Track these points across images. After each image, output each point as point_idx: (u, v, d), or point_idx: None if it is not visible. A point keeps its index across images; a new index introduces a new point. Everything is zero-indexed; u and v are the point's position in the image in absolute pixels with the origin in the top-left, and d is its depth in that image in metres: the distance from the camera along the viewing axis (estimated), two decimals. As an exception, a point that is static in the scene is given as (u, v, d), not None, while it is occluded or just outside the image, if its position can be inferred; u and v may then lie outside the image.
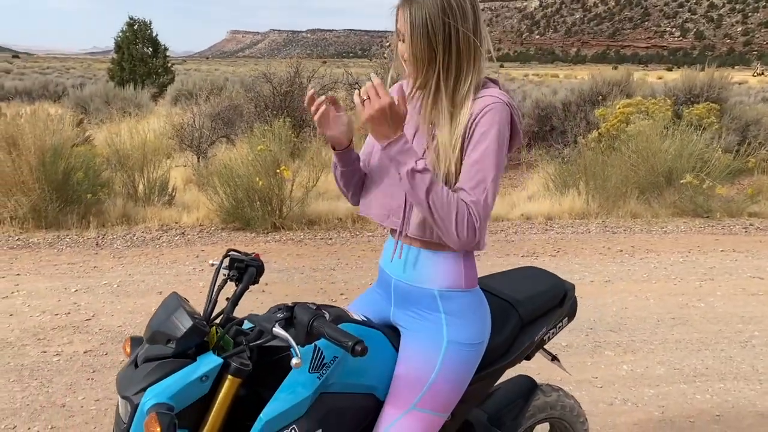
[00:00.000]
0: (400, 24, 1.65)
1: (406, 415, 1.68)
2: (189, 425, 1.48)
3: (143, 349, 1.54)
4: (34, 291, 4.74)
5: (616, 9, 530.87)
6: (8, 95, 23.25)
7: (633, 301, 4.92)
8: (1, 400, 3.23)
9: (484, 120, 1.61)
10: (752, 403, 3.44)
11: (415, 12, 1.60)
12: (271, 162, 6.67)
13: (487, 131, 1.60)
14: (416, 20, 1.60)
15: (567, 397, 2.32)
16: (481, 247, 1.67)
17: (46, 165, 6.51)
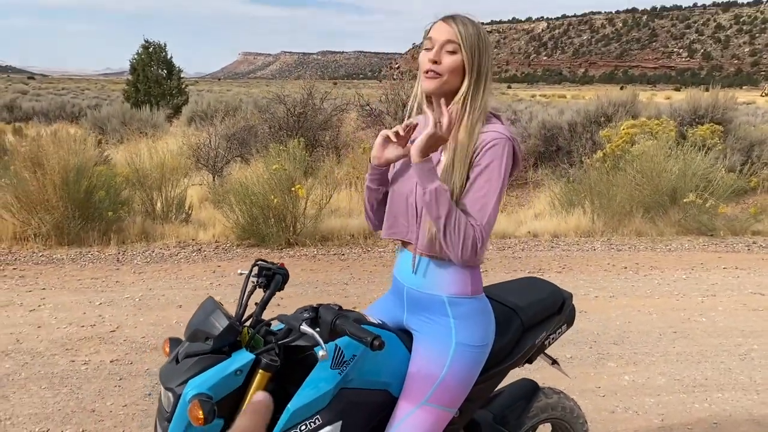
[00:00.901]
0: (443, 33, 1.81)
1: (419, 409, 1.86)
2: (224, 415, 1.67)
3: (184, 346, 1.74)
4: (59, 304, 4.96)
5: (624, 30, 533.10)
6: (26, 116, 23.76)
7: (636, 315, 5.07)
8: (34, 405, 3.43)
9: (490, 153, 1.81)
10: (749, 412, 3.58)
11: (461, 27, 1.80)
12: (286, 180, 6.90)
13: (491, 164, 1.80)
14: (467, 34, 1.80)
15: (567, 399, 2.49)
16: (478, 263, 1.87)
17: (70, 184, 6.76)
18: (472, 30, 1.79)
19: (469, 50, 1.79)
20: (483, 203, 1.79)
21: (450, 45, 1.80)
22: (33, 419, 3.28)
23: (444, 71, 1.80)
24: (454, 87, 1.83)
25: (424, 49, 1.85)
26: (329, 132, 11.26)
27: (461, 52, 1.79)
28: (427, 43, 1.84)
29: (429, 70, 1.81)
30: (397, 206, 1.99)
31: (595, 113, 13.08)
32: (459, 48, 1.79)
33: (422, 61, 1.85)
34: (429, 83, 1.83)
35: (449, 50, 1.80)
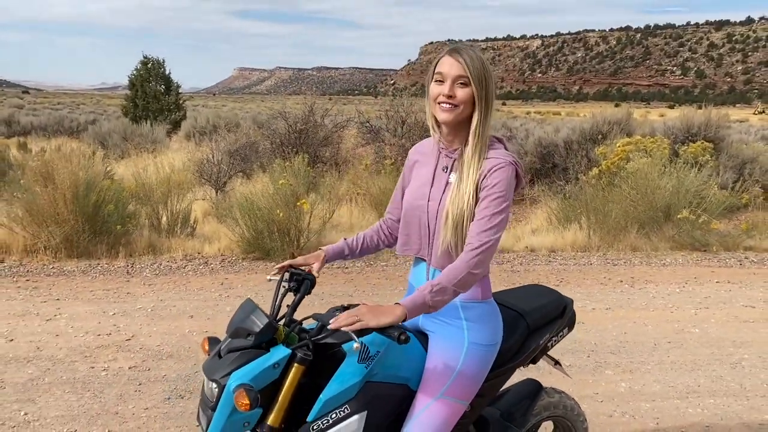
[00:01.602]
0: (454, 69, 2.00)
1: (436, 401, 2.04)
2: (263, 405, 1.85)
3: (226, 342, 1.93)
4: (75, 314, 5.12)
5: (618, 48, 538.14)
6: (25, 130, 23.90)
7: (632, 326, 5.26)
8: (60, 408, 3.59)
9: (494, 176, 2.01)
10: (739, 416, 3.77)
11: (470, 60, 2.00)
12: (290, 195, 7.09)
13: (496, 186, 1.99)
14: (474, 67, 1.99)
15: (568, 399, 2.68)
16: (485, 273, 2.09)
17: (80, 198, 6.94)
18: (478, 63, 2.00)
19: (478, 83, 1.99)
20: (490, 225, 1.97)
21: (461, 79, 2.00)
22: (60, 420, 3.44)
23: (459, 103, 2.01)
24: (466, 115, 2.04)
25: (435, 81, 2.04)
26: (330, 148, 11.48)
27: (471, 85, 1.99)
28: (437, 76, 2.03)
29: (444, 102, 2.01)
30: (409, 226, 2.19)
31: (591, 131, 13.34)
32: (469, 81, 1.99)
33: (434, 92, 2.04)
34: (446, 115, 2.02)
35: (461, 83, 2.00)
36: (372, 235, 2.41)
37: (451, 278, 1.92)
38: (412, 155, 2.29)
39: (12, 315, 5.05)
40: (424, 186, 2.15)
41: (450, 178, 2.10)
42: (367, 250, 2.41)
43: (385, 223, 2.42)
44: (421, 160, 2.23)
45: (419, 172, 2.21)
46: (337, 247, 2.36)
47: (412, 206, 2.17)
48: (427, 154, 2.21)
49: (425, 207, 2.13)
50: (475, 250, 1.95)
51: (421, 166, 2.22)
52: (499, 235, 1.99)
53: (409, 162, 2.29)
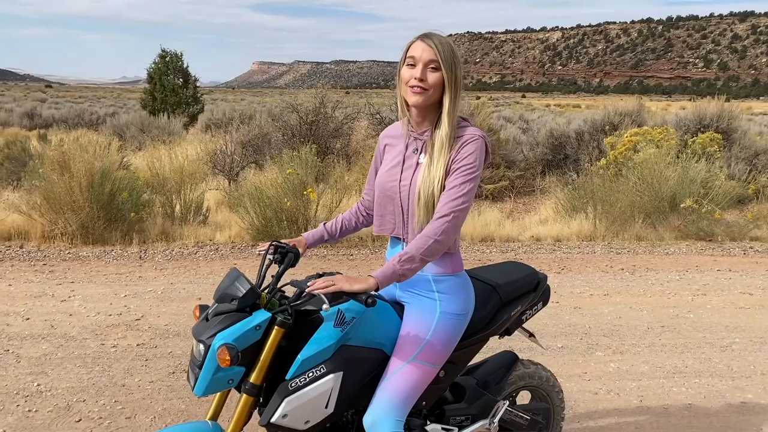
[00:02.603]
0: (425, 53, 2.12)
1: (408, 364, 2.20)
2: (245, 363, 2.02)
3: (213, 307, 2.10)
4: (88, 295, 5.35)
5: (639, 40, 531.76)
6: (46, 123, 24.41)
7: (627, 311, 5.37)
8: (71, 380, 3.80)
9: (465, 149, 2.15)
10: (723, 395, 3.88)
11: (439, 45, 2.13)
12: (299, 184, 7.28)
13: (467, 159, 2.13)
14: (444, 52, 2.12)
15: (544, 371, 2.82)
16: (454, 249, 2.25)
17: (95, 186, 7.17)
18: (448, 48, 2.13)
19: (448, 68, 2.12)
20: (457, 194, 2.11)
21: (432, 63, 2.13)
22: (71, 391, 3.66)
23: (430, 87, 2.14)
24: (436, 99, 2.17)
25: (406, 65, 2.17)
26: (340, 140, 11.64)
27: (442, 70, 2.13)
28: (409, 60, 2.16)
29: (415, 86, 2.13)
30: (383, 207, 2.34)
31: (602, 122, 13.37)
32: (440, 65, 2.12)
33: (405, 76, 2.16)
34: (416, 97, 2.15)
35: (432, 67, 2.13)
36: (350, 218, 2.57)
37: (419, 247, 2.07)
38: (382, 139, 2.43)
39: (29, 296, 5.29)
40: (395, 168, 2.28)
41: (420, 159, 2.24)
42: (347, 231, 2.57)
43: (362, 204, 2.57)
44: (391, 143, 2.37)
45: (389, 155, 2.34)
46: (317, 233, 2.52)
47: (384, 188, 2.31)
48: (396, 137, 2.34)
49: (397, 188, 2.27)
50: (441, 218, 2.10)
51: (390, 148, 2.35)
52: (466, 206, 2.12)
53: (380, 146, 2.43)
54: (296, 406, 2.04)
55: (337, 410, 2.14)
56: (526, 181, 12.78)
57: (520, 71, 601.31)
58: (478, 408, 2.52)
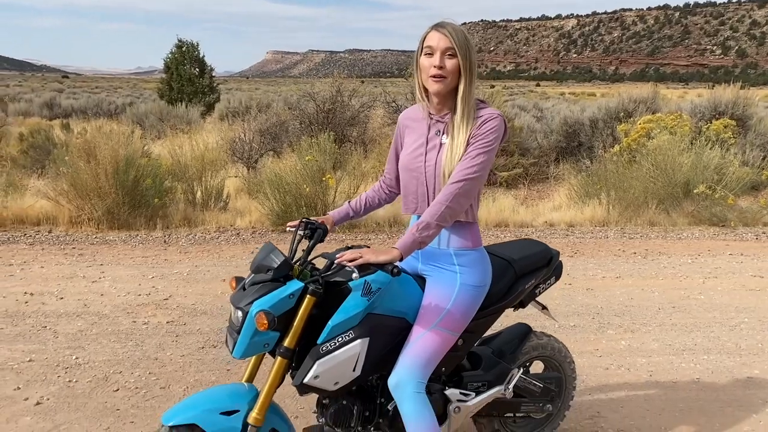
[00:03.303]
0: (442, 42, 2.27)
1: (429, 331, 2.37)
2: (280, 329, 2.20)
3: (249, 277, 2.28)
4: (117, 277, 5.57)
5: (656, 27, 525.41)
6: (65, 113, 24.76)
7: (639, 293, 5.51)
8: (106, 354, 4.02)
9: (485, 126, 2.30)
10: (730, 370, 4.02)
11: (455, 33, 2.28)
12: (317, 171, 7.45)
13: (485, 134, 2.29)
14: (459, 39, 2.27)
15: (557, 342, 2.98)
16: (473, 219, 2.41)
17: (120, 173, 7.40)
18: (462, 35, 2.28)
19: (463, 54, 2.27)
20: (471, 164, 2.26)
21: (449, 51, 2.27)
22: (107, 364, 3.87)
23: (448, 74, 2.29)
24: (454, 85, 2.32)
25: (424, 55, 2.31)
26: (357, 128, 11.80)
27: (457, 57, 2.28)
28: (427, 50, 2.30)
29: (436, 74, 2.27)
30: (408, 188, 2.50)
31: (616, 109, 13.41)
32: (455, 52, 2.27)
33: (425, 65, 2.30)
34: (437, 85, 2.29)
35: (449, 54, 2.28)
36: (373, 195, 2.73)
37: (433, 213, 2.23)
38: (402, 121, 2.58)
39: (61, 277, 5.52)
40: (418, 149, 2.44)
41: (443, 140, 2.39)
42: (370, 208, 2.73)
43: (384, 182, 2.73)
44: (411, 125, 2.51)
45: (411, 137, 2.49)
46: (342, 210, 2.69)
47: (408, 169, 2.47)
48: (417, 120, 2.49)
49: (422, 168, 2.42)
50: (453, 185, 2.25)
51: (412, 131, 2.50)
52: (478, 175, 2.27)
53: (400, 127, 2.58)
54: (327, 368, 2.22)
55: (364, 373, 2.31)
56: (540, 168, 12.86)
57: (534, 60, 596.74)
58: (493, 375, 2.69)
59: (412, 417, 2.30)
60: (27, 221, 7.46)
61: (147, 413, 3.31)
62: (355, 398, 2.44)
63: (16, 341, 4.18)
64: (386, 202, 2.75)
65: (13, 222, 7.43)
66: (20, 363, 3.87)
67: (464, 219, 2.40)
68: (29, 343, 4.16)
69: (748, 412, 3.49)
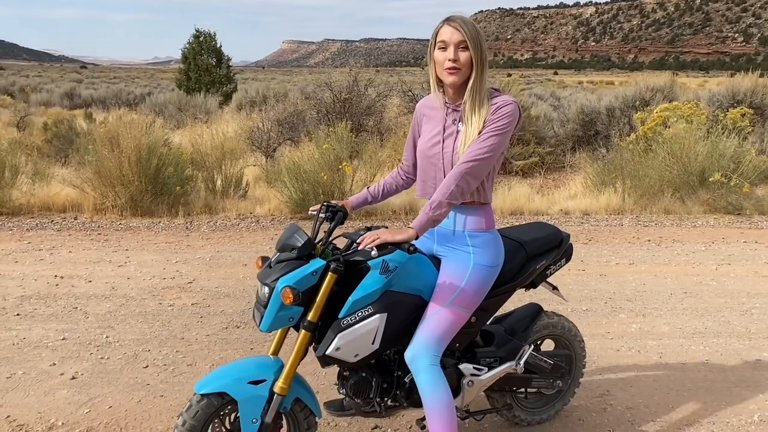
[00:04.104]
0: (455, 36, 2.38)
1: (444, 308, 2.50)
2: (303, 304, 2.34)
3: (275, 256, 2.42)
4: (142, 261, 5.76)
5: (676, 14, 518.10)
6: (85, 103, 25.12)
7: (652, 279, 5.60)
8: (135, 333, 4.21)
9: (499, 112, 2.42)
10: (739, 353, 4.11)
11: (466, 27, 2.39)
12: (334, 159, 7.59)
13: (499, 120, 2.40)
14: (471, 32, 2.39)
15: (567, 322, 3.10)
16: (485, 200, 2.52)
17: (142, 161, 7.59)
18: (473, 28, 2.39)
19: (475, 46, 2.38)
20: (481, 145, 2.38)
21: (462, 44, 2.38)
22: (136, 342, 4.06)
23: (462, 66, 2.40)
24: (467, 76, 2.43)
25: (438, 49, 2.42)
26: (373, 117, 11.91)
27: (469, 49, 2.39)
28: (440, 44, 2.41)
29: (451, 67, 2.39)
30: (426, 173, 2.62)
31: (633, 98, 13.39)
32: (468, 45, 2.38)
33: (439, 59, 2.42)
34: (452, 78, 2.41)
35: (462, 47, 2.39)
36: (391, 181, 2.86)
37: (444, 192, 2.36)
38: (420, 109, 2.69)
39: (88, 262, 5.72)
40: (436, 137, 2.56)
41: (459, 128, 2.51)
42: (388, 194, 2.86)
43: (401, 168, 2.86)
44: (429, 114, 2.63)
45: (429, 125, 2.61)
46: (361, 196, 2.83)
47: (426, 155, 2.59)
48: (434, 109, 2.61)
49: (440, 155, 2.54)
50: (463, 164, 2.38)
51: (429, 120, 2.62)
52: (488, 155, 2.38)
53: (418, 115, 2.70)
54: (347, 340, 2.36)
55: (382, 347, 2.45)
56: (557, 157, 12.90)
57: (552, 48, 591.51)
58: (505, 351, 2.82)
59: (427, 388, 2.44)
60: (53, 208, 7.69)
61: (176, 388, 3.48)
62: (374, 371, 2.58)
63: (49, 321, 4.38)
64: (404, 187, 2.88)
65: (41, 209, 7.66)
66: (54, 341, 4.06)
67: (477, 201, 2.52)
68: (62, 322, 4.36)
69: (755, 392, 3.59)
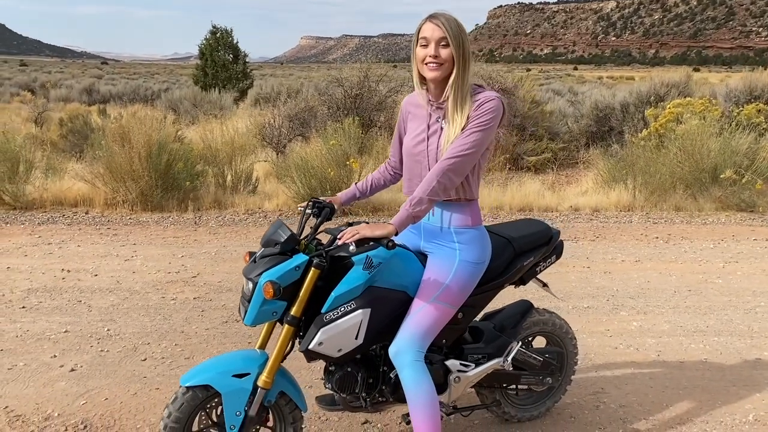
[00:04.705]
0: (435, 33, 2.38)
1: (429, 304, 2.51)
2: (287, 299, 2.37)
3: (260, 251, 2.45)
4: (149, 256, 5.83)
5: (698, 9, 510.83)
6: (104, 98, 25.39)
7: (656, 276, 5.55)
8: (136, 326, 4.27)
9: (482, 108, 2.42)
10: (739, 352, 4.07)
11: (448, 24, 2.40)
12: (341, 155, 7.61)
13: (482, 116, 2.40)
14: (452, 29, 2.39)
15: (558, 319, 3.10)
16: (471, 196, 2.53)
17: (153, 157, 7.67)
18: (455, 25, 2.39)
19: (456, 43, 2.39)
20: (463, 142, 2.38)
21: (443, 41, 2.39)
22: (136, 336, 4.12)
23: (444, 61, 2.40)
24: (449, 72, 2.43)
25: (420, 46, 2.43)
26: (384, 113, 11.91)
27: (451, 46, 2.39)
28: (422, 41, 2.41)
29: (430, 62, 2.39)
30: (411, 170, 2.63)
31: (648, 94, 13.26)
32: (449, 42, 2.39)
33: (420, 55, 2.42)
34: (433, 73, 2.41)
35: (443, 44, 2.39)
36: (378, 177, 2.87)
37: (425, 189, 2.36)
38: (405, 107, 2.70)
39: (96, 256, 5.81)
40: (420, 135, 2.56)
41: (443, 125, 2.52)
42: (376, 189, 2.88)
43: (389, 164, 2.88)
44: (414, 111, 2.64)
45: (414, 123, 2.61)
46: (350, 191, 2.85)
47: (411, 153, 2.60)
48: (419, 106, 2.61)
49: (425, 152, 2.55)
50: (445, 160, 2.38)
51: (414, 117, 2.63)
52: (470, 152, 2.38)
53: (403, 112, 2.71)
54: (330, 335, 2.38)
55: (366, 342, 2.47)
56: (570, 153, 12.81)
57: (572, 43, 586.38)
58: (493, 348, 2.82)
59: (411, 383, 2.45)
60: (65, 203, 7.80)
61: (171, 381, 3.53)
62: (360, 366, 2.60)
63: (53, 314, 4.45)
64: (391, 182, 2.89)
65: (53, 203, 7.77)
66: (57, 333, 4.13)
67: (463, 197, 2.52)
68: (65, 315, 4.43)
69: (752, 391, 3.56)
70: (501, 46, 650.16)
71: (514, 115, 11.93)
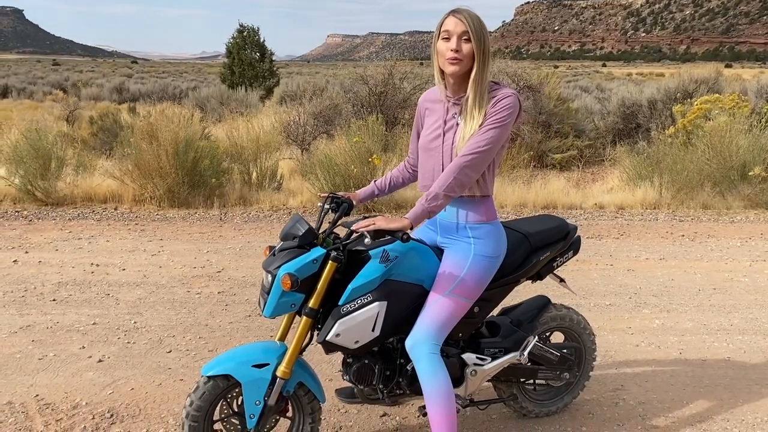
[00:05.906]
0: (458, 26, 2.40)
1: (444, 297, 2.54)
2: (305, 291, 2.42)
3: (279, 245, 2.50)
4: (175, 251, 5.94)
5: (731, 3, 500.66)
6: (133, 97, 25.82)
7: (681, 275, 5.50)
8: (162, 319, 4.36)
9: (499, 105, 2.43)
10: (763, 351, 4.02)
11: (471, 19, 2.42)
12: (365, 152, 7.66)
13: (499, 112, 2.42)
14: (474, 25, 2.41)
15: (576, 314, 3.10)
16: (486, 193, 2.54)
17: (180, 154, 7.80)
18: (477, 20, 2.41)
19: (477, 39, 2.40)
20: (480, 138, 2.40)
21: (465, 35, 2.40)
22: (162, 328, 4.21)
23: (464, 57, 2.42)
24: (469, 68, 2.45)
25: (441, 39, 2.45)
26: (408, 110, 11.93)
27: (472, 41, 2.41)
28: (444, 34, 2.43)
29: (452, 57, 2.41)
30: (425, 166, 2.66)
31: (676, 90, 13.07)
32: (470, 37, 2.40)
33: (442, 49, 2.44)
34: (453, 67, 2.43)
35: (465, 39, 2.40)
36: (397, 174, 2.91)
37: (441, 185, 2.39)
38: (422, 102, 2.73)
39: (124, 251, 5.94)
40: (436, 130, 2.59)
41: (459, 121, 2.54)
42: (395, 187, 2.91)
43: (408, 162, 2.91)
44: (431, 107, 2.66)
45: (431, 118, 2.64)
46: (368, 188, 2.89)
47: (427, 148, 2.63)
48: (436, 102, 2.64)
49: (440, 148, 2.57)
50: (462, 157, 2.40)
51: (431, 113, 2.65)
52: (487, 148, 2.40)
53: (420, 109, 2.73)
54: (347, 327, 2.42)
55: (383, 334, 2.51)
56: (596, 150, 12.70)
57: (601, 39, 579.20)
58: (510, 342, 2.84)
59: (427, 375, 2.48)
60: (95, 199, 7.97)
61: (195, 372, 3.61)
62: (377, 358, 2.64)
63: (82, 306, 4.58)
64: (410, 180, 2.92)
65: (83, 200, 7.95)
66: (85, 326, 4.25)
67: (478, 193, 2.55)
68: (94, 308, 4.55)
69: (775, 391, 3.52)
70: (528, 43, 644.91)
71: (540, 112, 11.88)
